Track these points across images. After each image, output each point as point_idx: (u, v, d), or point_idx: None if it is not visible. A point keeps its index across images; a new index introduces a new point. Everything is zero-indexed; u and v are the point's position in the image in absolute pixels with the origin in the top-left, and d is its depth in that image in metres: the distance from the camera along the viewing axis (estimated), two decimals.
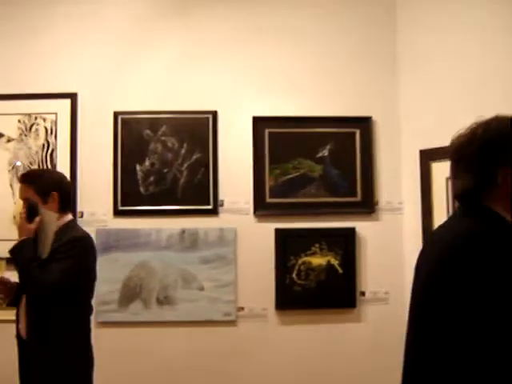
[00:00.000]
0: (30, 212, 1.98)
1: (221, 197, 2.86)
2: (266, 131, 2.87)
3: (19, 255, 1.95)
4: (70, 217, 2.14)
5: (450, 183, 2.47)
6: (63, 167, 2.85)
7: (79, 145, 2.87)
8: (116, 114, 2.85)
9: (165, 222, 2.85)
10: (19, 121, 2.87)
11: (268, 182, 2.85)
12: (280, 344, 2.84)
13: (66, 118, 2.87)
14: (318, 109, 2.92)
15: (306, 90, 2.92)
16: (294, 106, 2.91)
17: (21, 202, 2.79)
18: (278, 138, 2.88)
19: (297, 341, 2.85)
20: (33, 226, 1.97)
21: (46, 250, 2.00)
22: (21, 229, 1.99)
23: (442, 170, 2.57)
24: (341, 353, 2.85)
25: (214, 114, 2.85)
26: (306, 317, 2.88)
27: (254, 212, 2.85)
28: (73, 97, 2.86)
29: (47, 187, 1.99)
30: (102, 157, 2.86)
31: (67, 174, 2.84)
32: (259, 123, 2.86)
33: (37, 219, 1.98)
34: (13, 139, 2.88)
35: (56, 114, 2.87)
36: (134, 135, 2.84)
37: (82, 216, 2.84)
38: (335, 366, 2.84)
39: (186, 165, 2.84)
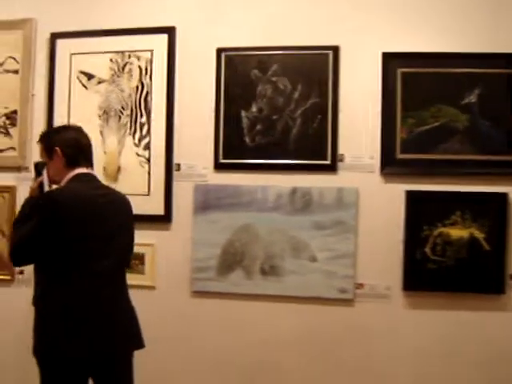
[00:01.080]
0: (36, 171, 2.04)
1: (340, 150, 2.44)
2: (399, 71, 2.38)
3: (18, 214, 2.01)
4: (75, 172, 1.95)
5: None
6: (158, 113, 2.56)
7: (177, 87, 2.58)
8: (219, 51, 2.52)
9: (273, 179, 2.49)
10: (111, 60, 2.60)
11: (399, 134, 2.37)
12: (405, 331, 2.41)
13: (162, 56, 2.57)
14: (464, 44, 2.36)
15: (450, 20, 2.37)
16: (434, 40, 2.40)
17: (113, 153, 2.52)
18: (412, 80, 2.40)
19: (425, 329, 2.41)
20: (34, 184, 2.01)
21: None
22: (30, 188, 2.06)
23: None
24: (481, 349, 2.35)
25: (335, 50, 2.43)
26: (440, 301, 2.41)
27: (381, 170, 2.41)
28: (170, 31, 2.55)
29: (51, 143, 1.98)
30: (203, 101, 2.55)
31: (162, 120, 2.52)
32: (390, 61, 2.38)
33: (39, 178, 1.99)
34: (104, 80, 2.61)
35: (152, 51, 2.56)
36: (239, 76, 2.49)
37: (178, 169, 2.53)
38: (472, 365, 2.34)
39: (299, 111, 2.42)
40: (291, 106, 2.43)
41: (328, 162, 2.41)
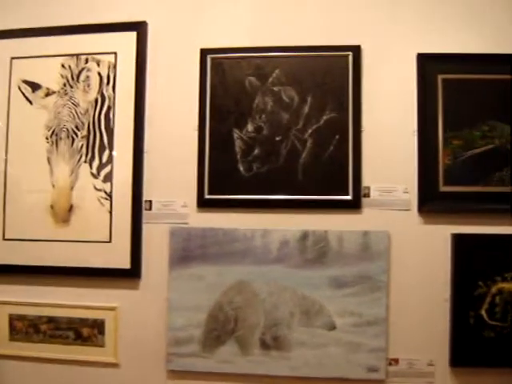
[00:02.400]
0: None
1: (365, 182, 1.92)
2: (439, 78, 1.88)
3: None
4: None
5: None
6: (124, 134, 2.03)
7: (148, 100, 2.00)
8: (204, 53, 2.01)
9: (276, 221, 1.96)
10: (62, 65, 2.07)
11: (442, 160, 1.85)
12: None
13: (129, 60, 2.07)
14: None
15: (502, 17, 1.86)
16: (485, 40, 1.89)
17: (63, 187, 1.95)
18: (458, 89, 1.91)
19: None
20: None
21: None
22: None
23: None
24: None
25: (356, 50, 1.94)
26: (500, 381, 1.80)
27: (420, 207, 1.89)
28: (140, 28, 2.04)
29: None
30: (182, 118, 2.04)
31: (129, 143, 1.95)
32: (428, 65, 1.89)
33: None
34: (53, 92, 2.05)
35: (115, 54, 2.04)
36: (230, 85, 1.95)
37: (150, 207, 1.95)
38: None
39: (310, 130, 1.89)
40: (299, 124, 1.89)
41: (349, 198, 1.87)
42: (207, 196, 1.93)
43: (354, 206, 1.88)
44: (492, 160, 1.86)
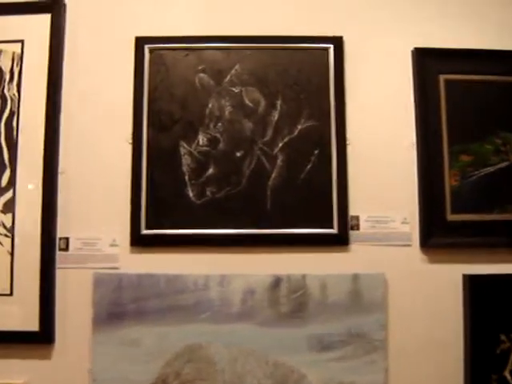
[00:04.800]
0: None
1: (354, 210, 1.52)
2: (441, 79, 1.53)
3: None
4: None
5: None
6: (31, 146, 1.50)
7: (65, 103, 1.51)
8: (140, 43, 1.59)
9: (238, 262, 1.52)
10: None
11: (448, 181, 1.50)
12: None
13: (40, 50, 1.58)
14: None
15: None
16: (497, 34, 1.55)
17: None
18: (464, 92, 1.56)
19: None
20: None
21: None
22: None
23: None
24: None
25: (337, 42, 1.54)
26: None
27: (423, 241, 1.53)
28: (55, 9, 1.58)
29: None
30: (111, 127, 1.59)
31: (38, 161, 1.49)
32: (427, 62, 1.55)
33: None
34: None
35: (22, 42, 1.56)
36: (175, 84, 1.55)
37: (66, 247, 1.47)
38: None
39: (281, 143, 1.49)
40: (267, 136, 1.48)
41: (333, 231, 1.46)
42: (144, 231, 1.46)
43: (340, 241, 1.47)
44: (509, 180, 1.53)
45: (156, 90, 1.51)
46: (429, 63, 1.54)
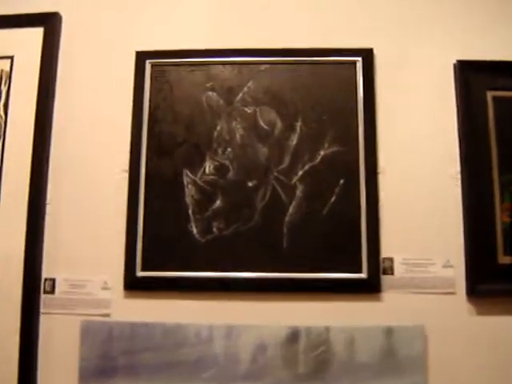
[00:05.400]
0: None
1: (386, 251, 1.30)
2: (489, 95, 1.34)
3: None
4: None
5: None
6: (16, 174, 1.35)
7: (56, 126, 1.35)
8: (141, 57, 1.42)
9: (249, 311, 1.29)
10: None
11: (500, 217, 1.28)
12: None
13: (31, 68, 1.41)
14: None
15: None
16: None
17: None
18: None
19: None
20: None
21: None
22: None
23: None
24: None
25: (367, 55, 1.33)
26: None
27: (470, 288, 1.32)
28: (49, 22, 1.41)
29: None
30: (105, 153, 1.41)
31: (23, 189, 1.31)
32: (472, 76, 1.30)
33: None
34: None
35: (11, 58, 1.40)
36: (180, 103, 1.36)
37: (51, 290, 1.28)
38: None
39: (301, 172, 1.30)
40: (284, 163, 1.28)
41: (362, 276, 1.24)
42: (140, 273, 1.26)
43: (370, 288, 1.24)
44: None
45: (158, 109, 1.33)
46: (474, 78, 1.32)
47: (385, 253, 1.26)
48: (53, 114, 1.38)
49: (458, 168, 1.29)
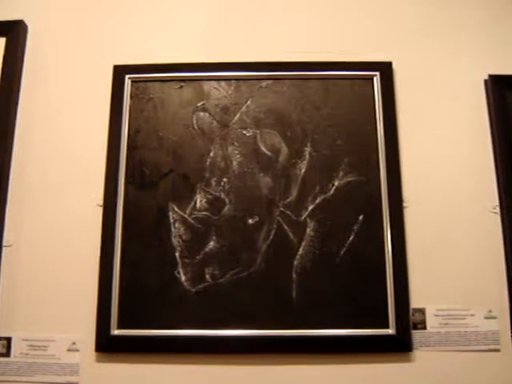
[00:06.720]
0: None
1: (416, 301, 1.09)
2: None
3: None
4: None
5: None
6: None
7: (16, 152, 1.13)
8: (119, 72, 1.22)
9: (251, 377, 1.07)
10: None
11: None
12: None
13: None
14: None
15: None
16: None
17: None
18: None
19: None
20: None
21: None
22: None
23: None
24: None
25: (386, 69, 1.14)
26: None
27: None
28: (13, 31, 1.19)
29: None
30: (77, 184, 1.16)
31: None
32: (507, 93, 1.12)
33: None
34: None
35: None
36: (165, 125, 1.12)
37: (6, 352, 1.09)
38: None
39: (312, 206, 1.08)
40: (291, 195, 1.08)
41: (390, 332, 1.03)
42: (115, 331, 1.03)
43: (399, 346, 1.02)
44: None
45: (139, 133, 1.14)
46: (510, 94, 1.18)
47: (415, 303, 1.05)
48: (13, 137, 1.18)
49: (497, 200, 1.12)
